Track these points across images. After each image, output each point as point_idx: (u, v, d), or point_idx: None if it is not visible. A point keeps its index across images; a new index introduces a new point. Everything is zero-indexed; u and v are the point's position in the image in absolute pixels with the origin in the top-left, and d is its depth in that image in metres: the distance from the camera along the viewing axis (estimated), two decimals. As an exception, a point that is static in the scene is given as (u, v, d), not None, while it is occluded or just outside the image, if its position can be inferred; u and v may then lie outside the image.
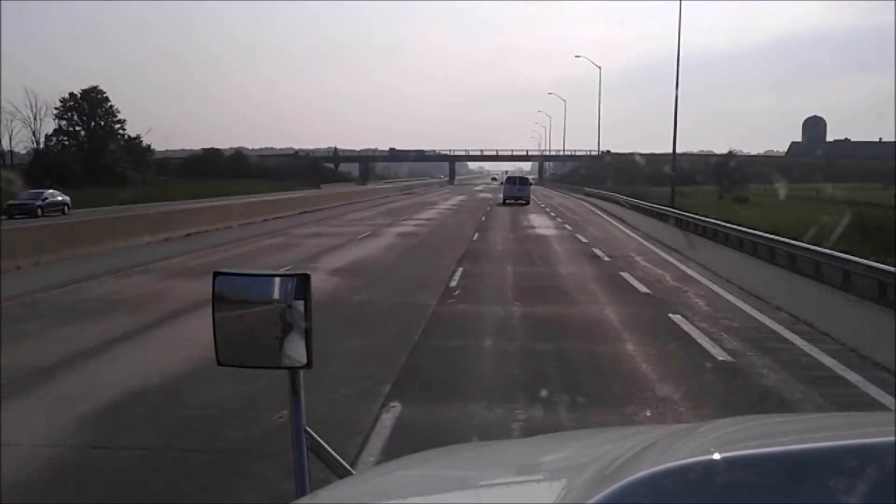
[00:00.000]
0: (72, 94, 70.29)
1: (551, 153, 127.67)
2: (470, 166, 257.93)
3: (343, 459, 2.07)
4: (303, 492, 1.90)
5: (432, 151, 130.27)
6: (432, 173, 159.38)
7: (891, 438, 1.15)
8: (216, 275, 1.98)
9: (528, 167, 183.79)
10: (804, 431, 1.59)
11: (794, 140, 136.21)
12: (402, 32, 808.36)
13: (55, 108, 69.90)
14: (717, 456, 1.20)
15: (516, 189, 52.93)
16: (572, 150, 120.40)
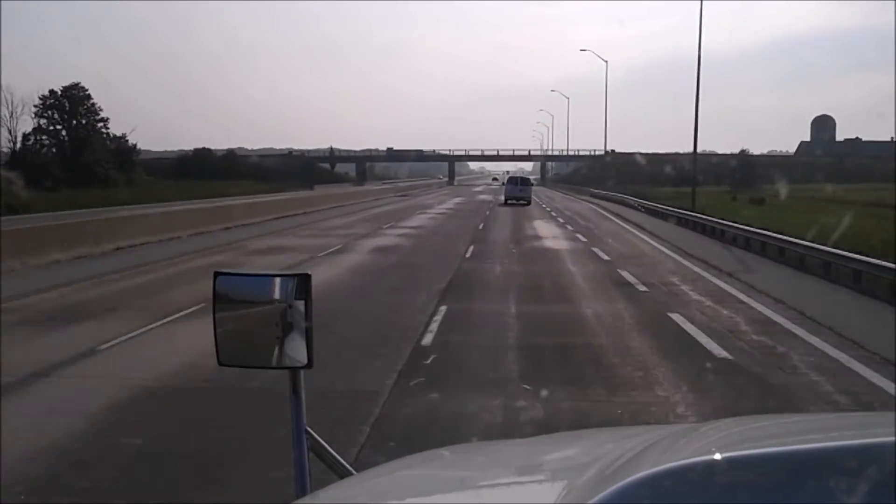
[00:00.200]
0: (52, 92, 66.15)
1: (554, 153, 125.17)
2: (471, 166, 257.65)
3: (343, 459, 2.07)
4: (303, 492, 1.90)
5: (431, 151, 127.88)
6: (432, 174, 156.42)
7: (891, 438, 1.15)
8: (217, 274, 1.99)
9: (530, 167, 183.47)
10: (804, 432, 1.59)
11: (803, 139, 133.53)
12: (402, 32, 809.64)
13: (35, 106, 65.97)
14: (717, 456, 1.20)
15: (518, 189, 52.92)
16: (575, 149, 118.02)
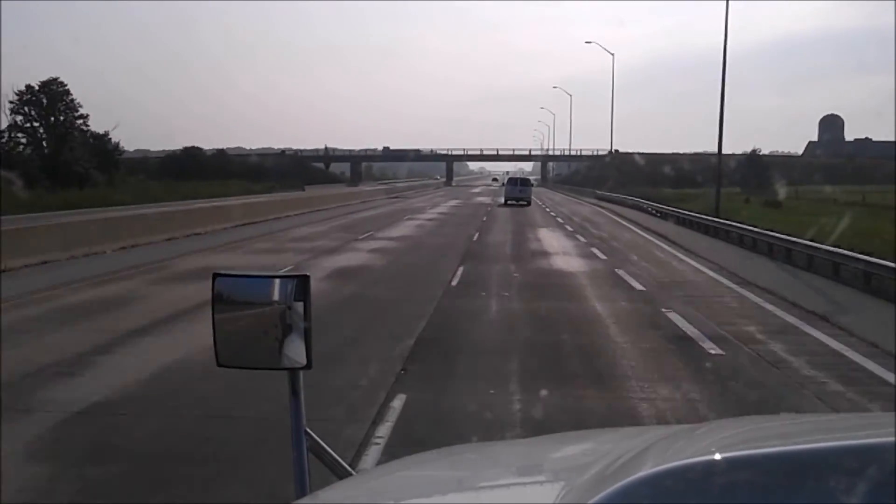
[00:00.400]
0: (28, 87, 62.09)
1: (555, 153, 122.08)
2: (470, 167, 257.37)
3: (343, 460, 2.07)
4: (303, 492, 1.90)
5: (429, 151, 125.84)
6: (431, 174, 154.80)
7: (891, 438, 1.15)
8: (216, 276, 1.99)
9: (530, 168, 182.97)
10: (804, 432, 1.59)
11: (811, 139, 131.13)
12: (401, 32, 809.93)
13: (10, 102, 61.57)
14: (717, 456, 1.20)
15: (517, 190, 53.08)
16: (577, 149, 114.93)
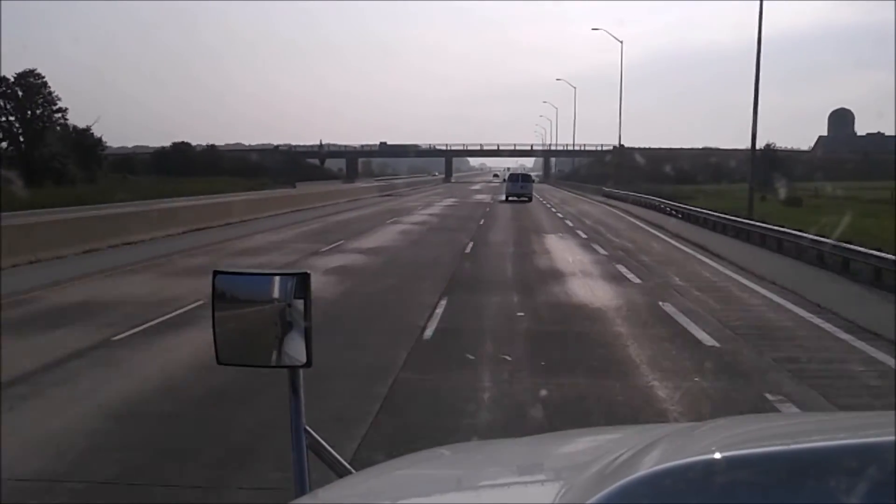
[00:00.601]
0: (3, 79, 60.43)
1: (558, 148, 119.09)
2: (471, 163, 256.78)
3: (343, 459, 2.07)
4: (303, 491, 1.90)
5: (427, 146, 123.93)
6: (432, 170, 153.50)
7: (891, 438, 1.15)
8: (216, 273, 1.98)
9: (531, 164, 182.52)
10: (804, 432, 1.59)
11: (821, 134, 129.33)
12: (403, 30, 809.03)
13: None
14: (717, 455, 1.19)
15: (518, 186, 53.47)
16: (581, 144, 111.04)
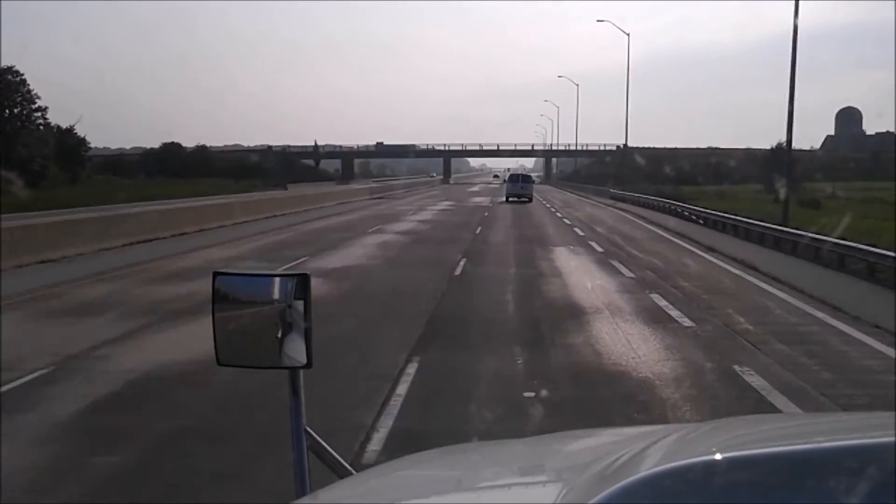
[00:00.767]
0: None
1: (559, 148, 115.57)
2: (471, 163, 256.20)
3: (343, 459, 2.06)
4: (303, 492, 1.90)
5: (425, 146, 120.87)
6: (430, 171, 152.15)
7: (891, 438, 1.15)
8: (216, 274, 1.98)
9: (532, 164, 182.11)
10: (805, 433, 1.59)
11: (828, 133, 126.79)
12: (402, 30, 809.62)
13: None
14: (717, 456, 1.20)
15: (519, 187, 53.70)
16: (584, 144, 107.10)
